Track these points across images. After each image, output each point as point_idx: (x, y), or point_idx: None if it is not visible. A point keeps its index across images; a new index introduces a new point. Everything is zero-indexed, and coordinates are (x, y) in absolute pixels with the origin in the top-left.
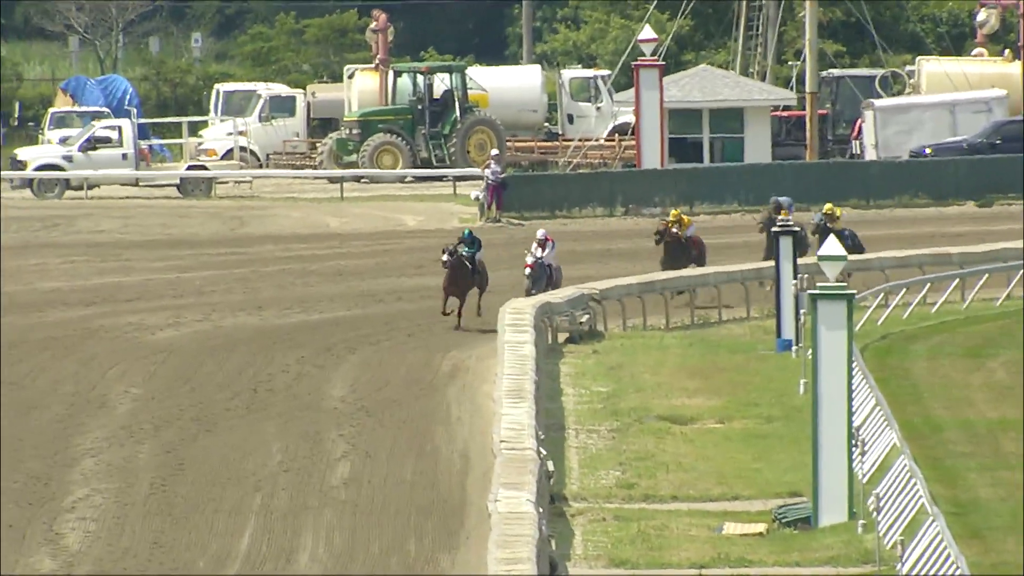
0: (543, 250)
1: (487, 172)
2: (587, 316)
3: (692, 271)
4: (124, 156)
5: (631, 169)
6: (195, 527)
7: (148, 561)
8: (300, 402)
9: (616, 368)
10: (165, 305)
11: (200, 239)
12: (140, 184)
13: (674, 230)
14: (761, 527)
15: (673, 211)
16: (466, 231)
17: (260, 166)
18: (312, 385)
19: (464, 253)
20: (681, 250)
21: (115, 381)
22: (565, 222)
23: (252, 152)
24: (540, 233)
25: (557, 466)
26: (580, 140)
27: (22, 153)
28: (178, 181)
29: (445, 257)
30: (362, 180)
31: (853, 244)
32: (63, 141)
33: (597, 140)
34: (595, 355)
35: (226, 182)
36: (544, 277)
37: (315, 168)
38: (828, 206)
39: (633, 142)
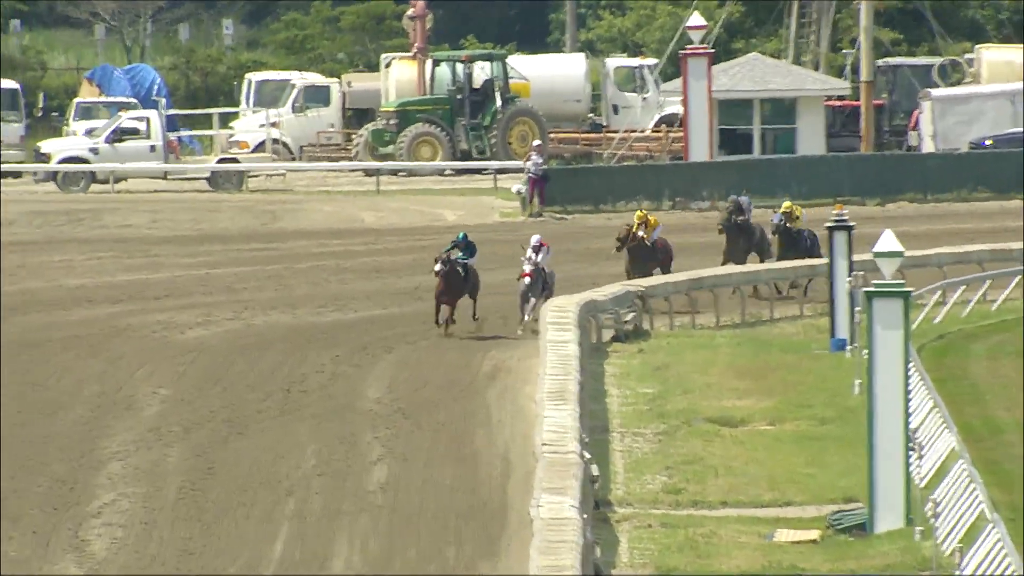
0: (538, 255)
1: (529, 164)
2: (633, 314)
3: (745, 268)
4: (152, 148)
5: (678, 162)
6: (225, 533)
7: (177, 569)
8: (335, 403)
9: (663, 368)
10: (195, 303)
11: (231, 234)
12: (169, 177)
13: (640, 233)
14: (814, 534)
15: (639, 212)
16: (460, 234)
17: (293, 159)
18: (347, 386)
19: (458, 259)
20: (647, 255)
21: (143, 382)
22: (609, 216)
23: (285, 144)
24: (534, 239)
25: (602, 470)
26: (625, 131)
27: (46, 145)
28: (208, 174)
29: (438, 267)
30: (399, 173)
31: (812, 246)
32: (89, 133)
33: (643, 131)
34: (641, 355)
35: (258, 175)
36: (539, 282)
37: (350, 160)
38: (787, 204)
39: (681, 133)
